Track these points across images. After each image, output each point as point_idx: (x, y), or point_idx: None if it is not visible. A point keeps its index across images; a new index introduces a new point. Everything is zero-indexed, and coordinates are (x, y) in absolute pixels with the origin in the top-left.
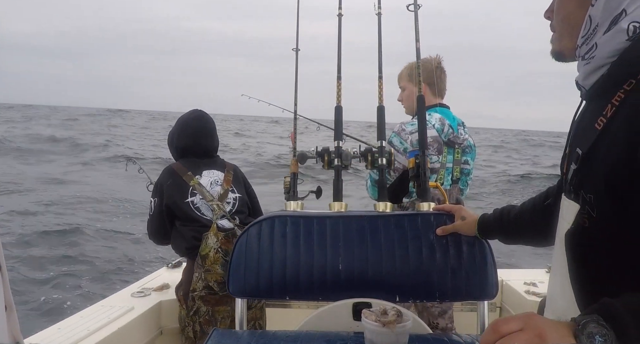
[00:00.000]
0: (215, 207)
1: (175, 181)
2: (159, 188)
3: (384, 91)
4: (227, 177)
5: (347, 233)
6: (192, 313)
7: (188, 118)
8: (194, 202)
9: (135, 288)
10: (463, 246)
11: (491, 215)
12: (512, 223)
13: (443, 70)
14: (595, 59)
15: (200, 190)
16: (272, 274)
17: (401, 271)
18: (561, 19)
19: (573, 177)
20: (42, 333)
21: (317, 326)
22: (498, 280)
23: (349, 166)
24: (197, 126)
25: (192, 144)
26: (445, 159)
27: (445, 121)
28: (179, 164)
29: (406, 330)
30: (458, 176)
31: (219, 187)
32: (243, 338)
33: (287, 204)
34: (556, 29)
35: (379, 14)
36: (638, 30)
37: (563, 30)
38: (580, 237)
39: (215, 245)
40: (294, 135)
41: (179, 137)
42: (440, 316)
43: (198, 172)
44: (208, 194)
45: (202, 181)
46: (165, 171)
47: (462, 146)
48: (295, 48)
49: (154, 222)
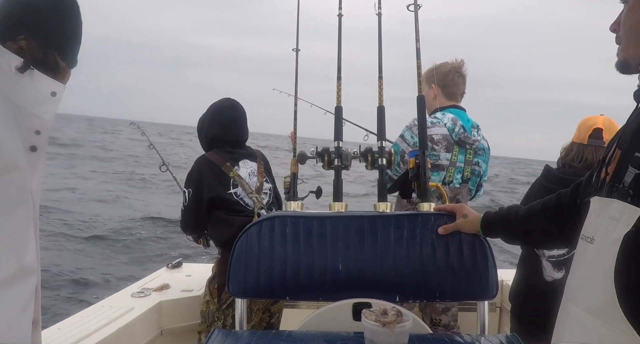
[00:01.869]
0: (255, 200)
1: (215, 171)
2: (196, 179)
3: (383, 92)
4: (260, 169)
5: (347, 233)
6: (224, 307)
7: (220, 106)
8: (237, 193)
9: (135, 288)
10: (463, 246)
11: (497, 213)
12: (520, 223)
13: (461, 74)
14: None
15: (241, 182)
16: (272, 274)
17: (401, 271)
18: (629, 28)
19: (633, 181)
20: (42, 332)
21: (317, 326)
22: (498, 280)
23: (349, 166)
24: (233, 115)
25: (226, 132)
26: (456, 157)
27: (458, 121)
28: (214, 154)
29: (406, 330)
30: (468, 176)
31: (255, 179)
32: (243, 338)
33: (287, 204)
34: (622, 40)
35: (379, 14)
36: None
37: (630, 39)
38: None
39: None
40: (294, 135)
41: (213, 126)
42: (443, 313)
43: (235, 163)
44: (247, 186)
45: (241, 172)
46: (201, 162)
47: (473, 146)
48: (295, 48)
49: (190, 214)
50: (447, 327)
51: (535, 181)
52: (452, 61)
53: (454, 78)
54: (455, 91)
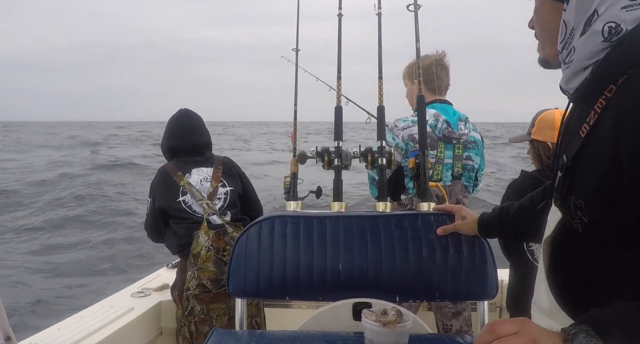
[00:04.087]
0: (205, 205)
1: (167, 181)
2: (152, 189)
3: (383, 90)
4: (217, 174)
5: (347, 233)
6: (187, 313)
7: (173, 117)
8: (185, 201)
9: (135, 288)
10: (463, 246)
11: (490, 214)
12: (512, 221)
13: (444, 67)
14: (574, 62)
15: (190, 189)
16: (272, 274)
17: (401, 271)
18: (539, 27)
19: (559, 185)
20: (42, 333)
21: (317, 326)
22: (498, 280)
23: (349, 166)
24: (183, 124)
25: (181, 142)
26: (442, 154)
27: (441, 117)
28: (171, 164)
29: (406, 330)
30: (460, 172)
31: (207, 184)
32: (243, 338)
33: (287, 204)
34: (538, 38)
35: (379, 14)
36: (614, 31)
37: (543, 38)
38: (565, 244)
39: (206, 243)
40: (294, 135)
41: (168, 138)
42: (454, 318)
43: (187, 171)
44: (197, 193)
45: (192, 179)
46: (158, 172)
47: (461, 140)
48: (295, 48)
49: (149, 221)
50: (460, 333)
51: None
52: (433, 53)
53: (436, 71)
54: (439, 85)
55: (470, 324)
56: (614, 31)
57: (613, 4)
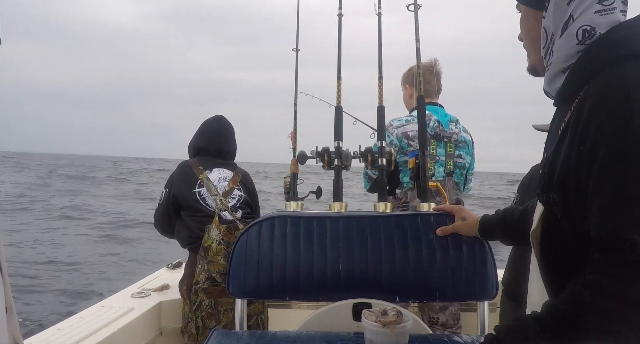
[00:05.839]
0: (218, 201)
1: (186, 172)
2: (170, 179)
3: (383, 90)
4: (235, 178)
5: (347, 233)
6: (194, 308)
7: (208, 120)
8: (201, 193)
9: (135, 288)
10: (463, 246)
11: (494, 216)
12: (516, 225)
13: (433, 72)
14: (552, 64)
15: (207, 183)
16: (272, 275)
17: (401, 271)
18: (525, 36)
19: (541, 180)
20: (42, 333)
21: (317, 326)
22: (498, 280)
23: (349, 166)
24: (214, 128)
25: (208, 143)
26: (434, 151)
27: (432, 116)
28: (194, 159)
29: (406, 330)
30: (452, 169)
31: (225, 184)
32: (243, 338)
33: (287, 205)
34: (525, 47)
35: (379, 14)
36: (587, 34)
37: (529, 46)
38: (548, 237)
39: (217, 237)
40: (293, 135)
41: (197, 138)
42: (441, 311)
43: (208, 168)
44: (213, 188)
45: (211, 176)
46: (179, 165)
47: (452, 139)
48: (295, 48)
49: (160, 211)
50: (445, 326)
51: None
52: (425, 61)
53: (428, 77)
54: (429, 88)
55: (456, 318)
56: (587, 34)
57: (587, 8)
